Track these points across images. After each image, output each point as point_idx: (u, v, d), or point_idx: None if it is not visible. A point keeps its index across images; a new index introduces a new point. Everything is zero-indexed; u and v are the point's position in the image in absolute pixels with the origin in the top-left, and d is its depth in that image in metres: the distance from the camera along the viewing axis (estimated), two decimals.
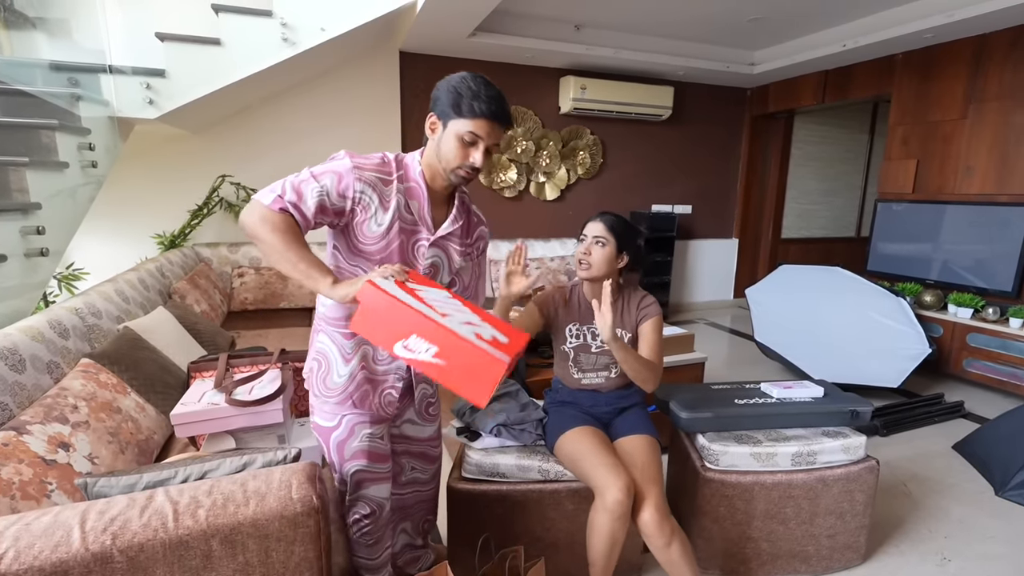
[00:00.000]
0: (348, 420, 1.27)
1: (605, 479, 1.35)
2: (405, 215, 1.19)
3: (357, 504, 1.32)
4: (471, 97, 1.11)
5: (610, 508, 1.32)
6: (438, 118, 1.15)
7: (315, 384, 1.29)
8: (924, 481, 2.34)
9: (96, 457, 1.37)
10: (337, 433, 1.27)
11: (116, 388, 1.67)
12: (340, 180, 1.12)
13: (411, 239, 1.21)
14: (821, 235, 5.99)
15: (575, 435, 1.50)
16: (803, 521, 1.68)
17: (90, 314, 1.95)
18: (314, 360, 1.29)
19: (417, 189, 1.20)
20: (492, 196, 4.54)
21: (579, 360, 1.64)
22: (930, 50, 3.80)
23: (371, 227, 1.16)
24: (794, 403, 1.78)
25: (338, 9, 2.98)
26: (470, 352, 1.00)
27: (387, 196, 1.16)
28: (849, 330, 3.32)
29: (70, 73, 2.57)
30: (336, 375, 1.25)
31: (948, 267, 3.73)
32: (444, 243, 1.25)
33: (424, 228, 1.21)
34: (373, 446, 1.29)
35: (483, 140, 1.13)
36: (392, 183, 1.17)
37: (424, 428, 1.44)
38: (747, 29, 4.09)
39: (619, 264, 1.58)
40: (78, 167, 2.35)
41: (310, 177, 1.12)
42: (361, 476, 1.29)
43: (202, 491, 0.98)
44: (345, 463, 1.28)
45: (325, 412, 1.28)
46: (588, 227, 1.60)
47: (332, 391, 1.26)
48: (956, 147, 3.70)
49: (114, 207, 3.45)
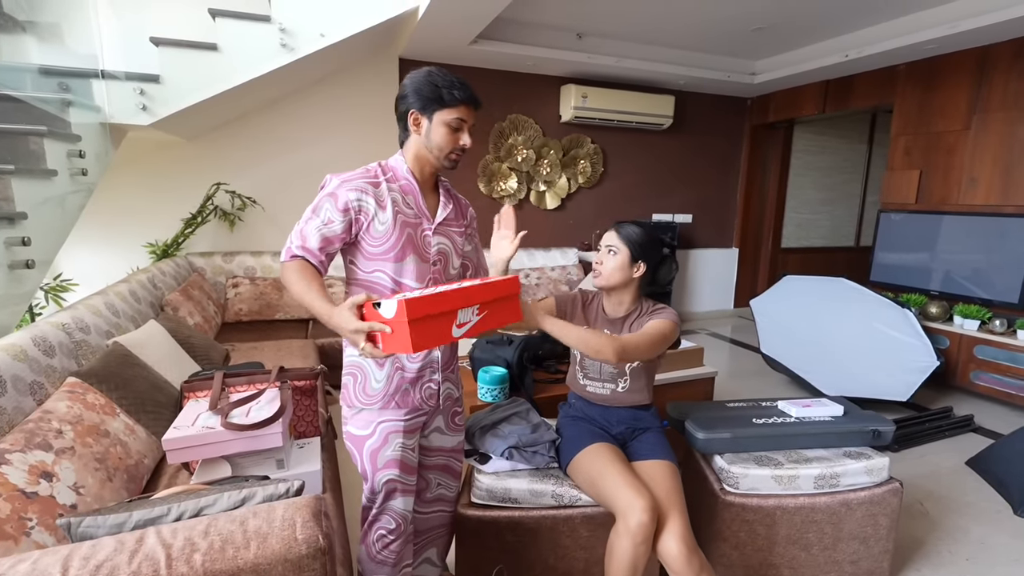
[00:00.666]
0: (383, 429, 1.29)
1: (628, 500, 1.27)
2: (405, 209, 1.26)
3: (382, 518, 1.33)
4: (448, 87, 1.20)
5: (633, 531, 1.24)
6: (420, 113, 1.23)
7: (354, 396, 1.30)
8: (940, 499, 2.28)
9: (82, 486, 1.28)
10: (371, 442, 1.29)
11: (104, 409, 1.58)
12: (336, 200, 1.19)
13: (417, 231, 1.27)
14: (821, 244, 5.97)
15: (592, 452, 1.43)
16: (826, 547, 1.61)
17: (78, 329, 1.86)
18: (349, 375, 1.31)
19: (409, 185, 1.28)
20: (492, 205, 4.48)
21: (584, 365, 1.60)
22: (933, 61, 3.80)
23: (376, 228, 1.22)
24: (814, 423, 1.72)
25: (338, 15, 2.92)
26: (496, 285, 1.18)
27: (381, 196, 1.23)
28: (855, 342, 3.28)
29: (60, 78, 2.49)
30: (374, 381, 1.28)
31: (952, 278, 3.70)
32: (445, 229, 1.33)
33: (425, 219, 1.29)
34: (405, 456, 1.31)
35: (467, 123, 1.25)
36: (382, 184, 1.24)
37: (451, 438, 1.46)
38: (749, 39, 4.07)
39: (635, 273, 1.52)
40: (67, 175, 2.27)
41: (310, 215, 1.20)
42: (392, 486, 1.31)
43: (198, 531, 0.90)
44: (378, 472, 1.30)
45: (360, 421, 1.30)
46: (604, 237, 1.57)
47: (373, 397, 1.28)
48: (959, 158, 3.68)
49: (105, 216, 3.36)
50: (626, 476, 1.34)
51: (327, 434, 1.88)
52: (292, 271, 1.17)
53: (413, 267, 1.27)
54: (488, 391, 1.99)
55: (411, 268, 1.26)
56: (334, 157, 3.83)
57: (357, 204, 1.19)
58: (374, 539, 1.35)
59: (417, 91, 1.21)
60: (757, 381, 3.70)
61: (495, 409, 1.68)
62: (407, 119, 1.25)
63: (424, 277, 1.29)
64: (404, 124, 1.26)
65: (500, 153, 4.37)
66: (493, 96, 4.29)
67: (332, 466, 1.78)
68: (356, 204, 1.19)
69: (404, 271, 1.26)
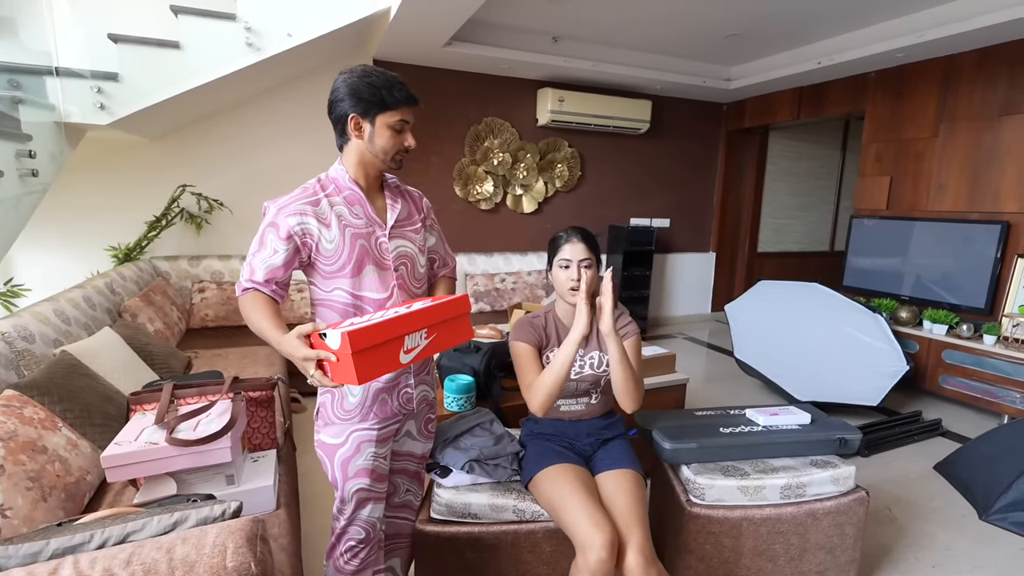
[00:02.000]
0: (355, 438, 1.27)
1: (587, 534, 1.23)
2: (354, 221, 1.22)
3: (351, 530, 1.32)
4: (388, 88, 1.17)
5: (593, 569, 1.20)
6: (361, 117, 1.18)
7: (332, 414, 1.28)
8: (908, 505, 2.29)
9: (8, 508, 1.20)
10: (343, 451, 1.27)
11: (44, 423, 1.49)
12: (277, 229, 1.17)
13: (371, 240, 1.24)
14: (796, 249, 6.05)
15: (553, 474, 1.39)
16: (792, 558, 1.59)
17: (20, 338, 1.77)
18: (326, 393, 1.29)
19: (354, 194, 1.24)
20: (468, 208, 4.43)
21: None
22: (902, 69, 3.86)
23: (325, 248, 1.19)
24: (781, 431, 1.71)
25: (307, 15, 2.85)
26: (444, 307, 1.16)
27: (323, 214, 1.19)
28: (827, 347, 3.30)
29: (10, 75, 2.38)
30: (350, 396, 1.27)
31: (922, 283, 3.76)
32: (400, 231, 1.29)
33: (377, 226, 1.25)
34: (377, 465, 1.30)
35: (408, 124, 1.21)
36: (322, 201, 1.20)
37: (423, 444, 1.45)
38: (724, 45, 4.10)
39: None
40: (15, 176, 2.16)
41: (257, 246, 1.18)
42: (363, 495, 1.30)
43: (119, 561, 0.84)
44: (348, 481, 1.28)
45: (332, 430, 1.28)
46: (567, 250, 1.48)
47: (351, 412, 1.27)
48: (928, 165, 3.75)
49: (64, 218, 3.23)
50: (587, 506, 1.29)
51: (286, 446, 1.81)
52: (246, 304, 1.17)
53: (374, 278, 1.24)
54: (454, 400, 1.94)
55: (371, 279, 1.23)
56: (304, 158, 3.74)
57: (300, 228, 1.17)
58: (343, 550, 1.33)
59: (354, 94, 1.16)
60: (731, 386, 3.71)
61: (458, 420, 1.64)
62: (346, 124, 1.19)
63: (387, 285, 1.26)
64: (342, 129, 1.21)
65: (476, 156, 4.33)
66: (469, 99, 4.25)
67: (290, 479, 1.72)
68: (299, 229, 1.17)
69: (363, 284, 1.23)
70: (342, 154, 1.26)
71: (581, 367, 1.52)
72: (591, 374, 1.52)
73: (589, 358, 1.53)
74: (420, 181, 4.18)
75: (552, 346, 1.53)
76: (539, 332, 1.52)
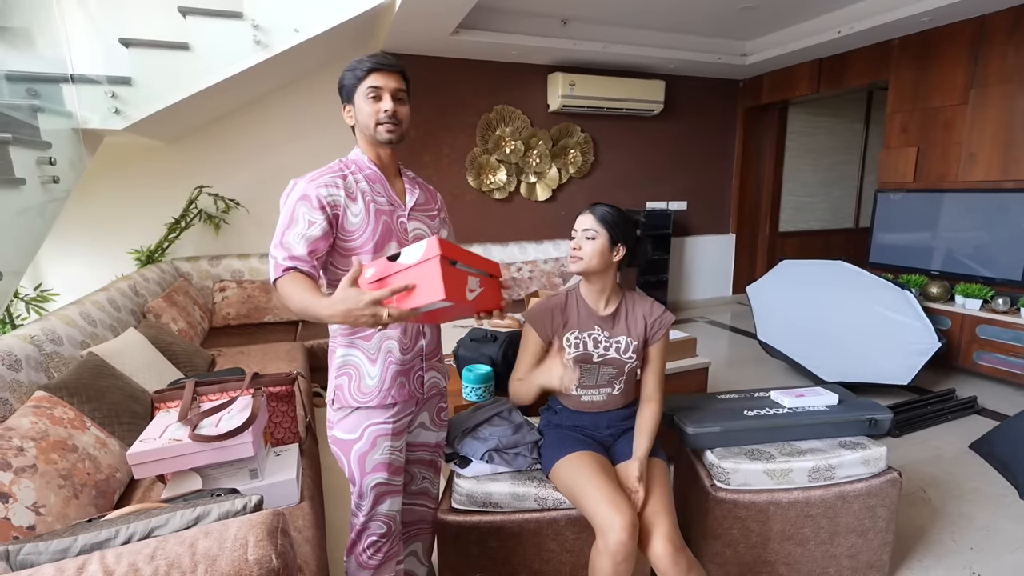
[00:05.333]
0: (370, 432, 1.25)
1: (607, 518, 1.22)
2: (377, 198, 1.23)
3: (371, 525, 1.31)
4: (355, 64, 1.20)
5: (613, 551, 1.19)
6: (348, 102, 1.23)
7: (350, 396, 1.25)
8: (942, 485, 2.22)
9: (42, 506, 1.23)
10: (359, 445, 1.26)
11: (73, 423, 1.53)
12: (310, 200, 1.15)
13: (393, 218, 1.24)
14: (819, 227, 5.88)
15: (573, 461, 1.37)
16: (823, 541, 1.55)
17: (48, 341, 1.81)
18: (343, 375, 1.26)
19: (374, 173, 1.25)
20: (482, 198, 4.41)
21: (580, 375, 1.49)
22: (927, 34, 3.70)
23: (350, 220, 1.19)
24: (808, 412, 1.66)
25: (312, 10, 2.84)
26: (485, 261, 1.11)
27: (351, 188, 1.20)
28: (854, 326, 3.21)
29: (28, 84, 2.42)
30: (368, 378, 1.25)
31: (953, 257, 3.62)
32: (418, 214, 1.30)
33: (397, 206, 1.26)
34: (394, 458, 1.29)
35: (383, 89, 1.19)
36: (348, 176, 1.21)
37: (435, 434, 1.44)
38: (739, 18, 3.97)
39: (615, 257, 1.44)
40: (37, 183, 2.21)
41: (287, 224, 1.14)
42: (381, 489, 1.28)
43: (143, 556, 0.85)
44: (366, 476, 1.27)
45: (347, 425, 1.26)
46: (578, 220, 1.48)
47: (369, 395, 1.25)
48: (958, 134, 3.59)
49: (88, 223, 3.31)
50: (606, 490, 1.27)
51: (308, 439, 1.83)
52: (287, 286, 1.09)
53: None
54: (472, 390, 1.93)
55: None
56: (319, 155, 3.74)
57: (331, 199, 1.16)
58: (364, 546, 1.32)
59: (340, 86, 1.23)
60: (755, 369, 3.64)
61: (476, 410, 1.63)
62: (344, 115, 1.26)
63: None
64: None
65: (488, 145, 4.29)
66: (479, 87, 4.20)
67: (313, 472, 1.74)
68: (330, 199, 1.16)
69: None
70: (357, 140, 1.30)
71: (607, 349, 1.47)
72: (616, 358, 1.48)
73: (615, 342, 1.48)
74: (432, 172, 4.17)
75: (571, 327, 1.49)
76: (555, 318, 1.49)
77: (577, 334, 1.48)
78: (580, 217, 1.48)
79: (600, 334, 1.48)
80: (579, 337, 1.48)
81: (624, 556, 1.19)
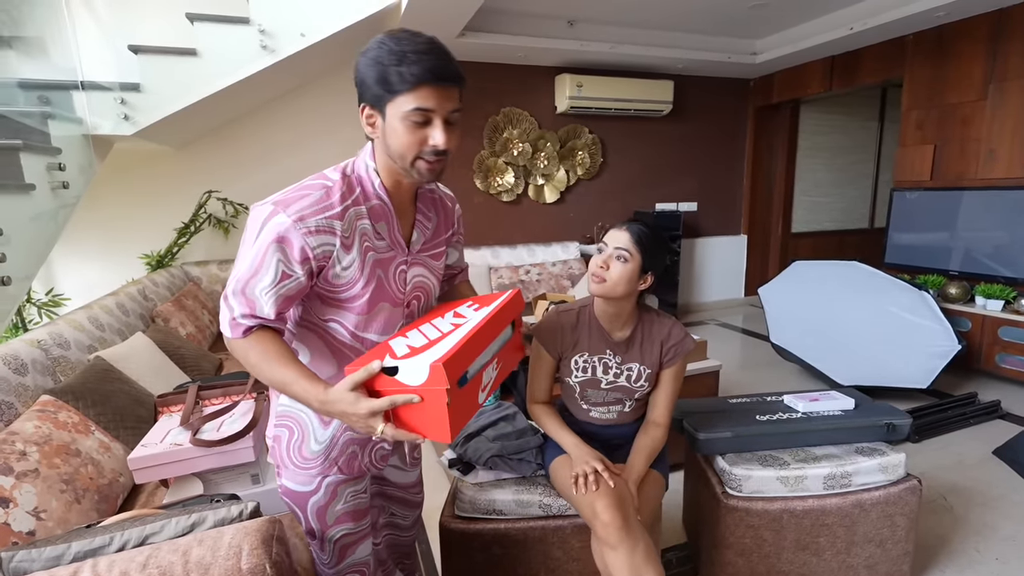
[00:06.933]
0: (329, 483, 1.03)
1: (590, 505, 1.18)
2: (376, 243, 0.94)
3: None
4: (396, 63, 0.82)
5: (601, 536, 1.15)
6: (372, 107, 0.88)
7: (285, 456, 1.03)
8: (964, 492, 2.15)
9: (43, 511, 1.22)
10: (316, 498, 1.04)
11: (77, 427, 1.53)
12: (290, 248, 0.85)
13: (390, 268, 0.97)
14: (833, 228, 5.78)
15: (568, 458, 1.33)
16: (839, 551, 1.50)
17: (55, 345, 1.82)
18: (281, 428, 1.03)
19: (382, 208, 0.94)
20: (489, 201, 4.39)
21: (587, 395, 1.41)
22: (943, 29, 3.61)
23: (336, 272, 0.90)
24: (822, 417, 1.61)
25: (318, 14, 2.84)
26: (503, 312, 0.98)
27: (347, 232, 0.89)
28: (870, 328, 3.13)
29: (40, 91, 2.45)
30: (314, 443, 1.01)
31: (972, 257, 3.52)
32: (422, 256, 1.04)
33: (399, 250, 0.98)
34: (358, 503, 1.09)
35: (436, 113, 0.85)
36: (347, 213, 0.89)
37: (408, 473, 1.26)
38: (748, 17, 3.92)
39: (641, 286, 1.31)
40: (47, 189, 2.22)
41: (253, 271, 0.85)
42: (347, 540, 1.09)
43: (136, 564, 0.83)
44: (328, 529, 1.06)
45: (299, 476, 1.03)
46: (611, 235, 1.31)
47: (311, 461, 1.02)
48: (976, 130, 3.50)
49: (100, 228, 3.34)
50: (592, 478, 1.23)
51: None
52: (252, 348, 0.88)
53: (383, 317, 0.99)
54: None
55: (380, 320, 0.98)
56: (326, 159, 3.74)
57: (320, 251, 0.87)
58: None
59: (362, 76, 0.87)
60: (768, 373, 3.56)
61: (479, 415, 1.60)
62: (362, 118, 0.91)
63: (393, 326, 1.01)
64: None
65: (495, 148, 4.28)
66: (485, 90, 4.19)
67: None
68: (319, 251, 0.87)
69: (370, 325, 0.98)
70: (372, 147, 0.94)
71: (616, 376, 1.37)
72: (625, 386, 1.38)
73: (627, 369, 1.38)
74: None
75: (580, 349, 1.37)
76: (565, 336, 1.38)
77: (587, 357, 1.38)
78: (614, 232, 1.31)
79: (611, 359, 1.37)
80: (588, 361, 1.38)
81: (617, 540, 1.13)
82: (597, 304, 1.38)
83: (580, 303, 1.42)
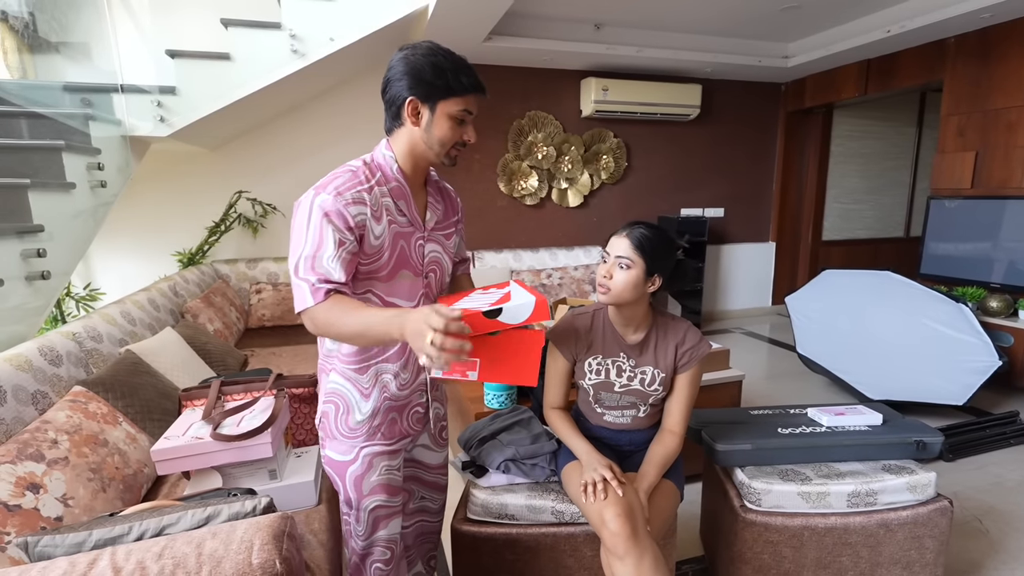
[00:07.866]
0: (366, 453, 1.17)
1: (599, 514, 1.16)
2: (398, 218, 1.10)
3: (375, 550, 1.22)
4: (455, 72, 1.02)
5: (610, 545, 1.13)
6: (422, 102, 1.04)
7: (334, 428, 1.17)
8: (1002, 516, 2.04)
9: (71, 498, 1.27)
10: (354, 468, 1.17)
11: (106, 418, 1.58)
12: (342, 218, 1.00)
13: (410, 241, 1.12)
14: (866, 236, 5.60)
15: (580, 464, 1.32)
16: (862, 572, 1.44)
17: (89, 338, 1.89)
18: (328, 404, 1.17)
19: (400, 188, 1.11)
20: (513, 204, 4.39)
21: (600, 398, 1.41)
22: (987, 31, 3.47)
23: (370, 243, 1.06)
24: (848, 432, 1.55)
25: (347, 18, 2.90)
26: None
27: (375, 205, 1.06)
28: (903, 341, 3.02)
29: (83, 94, 2.57)
30: (358, 414, 1.15)
31: (1016, 268, 3.36)
32: (436, 234, 1.19)
33: (417, 226, 1.14)
34: (391, 478, 1.20)
35: (472, 115, 1.08)
36: (374, 189, 1.06)
37: (437, 454, 1.35)
38: (780, 19, 3.83)
39: (649, 288, 1.30)
40: (87, 187, 2.32)
41: (313, 248, 1.00)
42: (379, 512, 1.20)
43: (152, 554, 0.86)
44: (364, 499, 1.18)
45: (340, 446, 1.18)
46: (612, 243, 1.32)
47: (356, 431, 1.16)
48: (1022, 136, 3.35)
49: (135, 226, 3.47)
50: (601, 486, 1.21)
51: None
52: (333, 309, 0.98)
53: (406, 284, 1.12)
54: (495, 397, 1.91)
55: (403, 286, 1.12)
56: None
57: (359, 219, 1.02)
58: (369, 572, 1.24)
59: (416, 74, 1.02)
60: (793, 384, 3.47)
61: (495, 418, 1.60)
62: (402, 107, 1.05)
63: (416, 294, 1.14)
64: (396, 112, 1.06)
65: (520, 151, 4.28)
66: (511, 93, 4.20)
67: None
68: (358, 219, 1.02)
69: (395, 290, 1.11)
70: (390, 138, 1.11)
71: (630, 379, 1.37)
72: (639, 390, 1.38)
73: (641, 372, 1.37)
74: (464, 179, 4.19)
75: (594, 352, 1.38)
76: (579, 339, 1.39)
77: (600, 360, 1.38)
78: (614, 239, 1.32)
79: (625, 362, 1.37)
80: (601, 363, 1.38)
81: (624, 550, 1.11)
82: (610, 308, 1.39)
83: (595, 306, 1.43)
